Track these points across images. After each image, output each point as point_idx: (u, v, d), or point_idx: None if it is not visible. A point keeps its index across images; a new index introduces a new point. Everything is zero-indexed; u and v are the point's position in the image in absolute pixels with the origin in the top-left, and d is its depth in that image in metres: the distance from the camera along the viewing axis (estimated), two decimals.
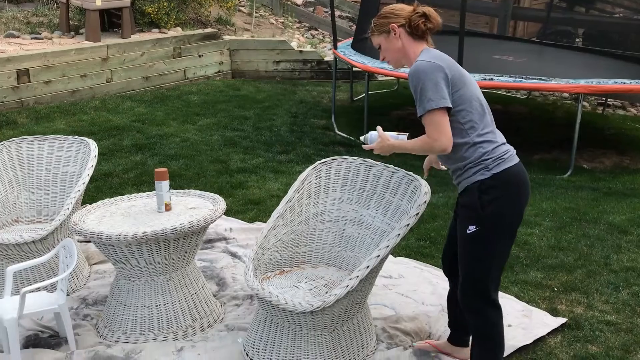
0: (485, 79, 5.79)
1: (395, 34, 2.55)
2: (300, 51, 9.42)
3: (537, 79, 5.77)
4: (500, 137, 2.54)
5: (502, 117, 7.66)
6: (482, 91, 2.57)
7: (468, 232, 2.45)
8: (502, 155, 2.47)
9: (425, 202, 2.79)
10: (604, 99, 8.39)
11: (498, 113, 7.77)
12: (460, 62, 5.66)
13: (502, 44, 8.14)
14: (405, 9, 2.58)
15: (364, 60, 6.65)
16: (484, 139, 2.46)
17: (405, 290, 3.57)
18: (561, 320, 3.25)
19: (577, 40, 9.02)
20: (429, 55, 2.47)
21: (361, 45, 7.45)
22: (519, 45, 8.20)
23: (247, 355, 2.96)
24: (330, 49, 8.94)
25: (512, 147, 2.56)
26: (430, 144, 2.44)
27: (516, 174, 2.49)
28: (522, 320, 3.25)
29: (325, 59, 9.44)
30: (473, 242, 2.48)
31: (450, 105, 2.38)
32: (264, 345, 2.88)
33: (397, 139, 2.58)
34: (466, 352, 2.84)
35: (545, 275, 3.80)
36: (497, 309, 2.57)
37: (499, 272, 2.57)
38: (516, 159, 2.52)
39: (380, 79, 9.10)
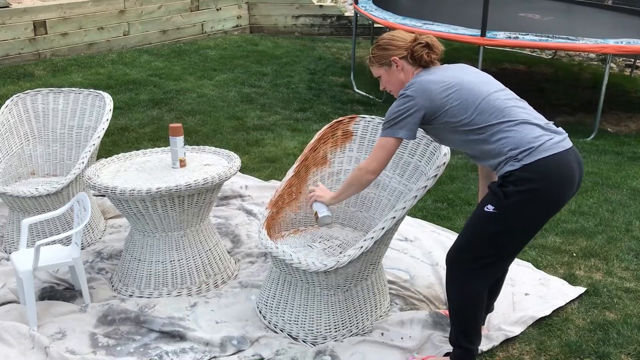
0: (510, 38, 5.61)
1: (397, 67, 2.50)
2: (320, 6, 9.22)
3: (563, 39, 5.58)
4: (532, 125, 2.30)
5: (526, 78, 7.48)
6: (507, 51, 2.46)
7: (485, 209, 2.34)
8: (532, 144, 2.25)
9: (444, 163, 2.72)
10: (633, 60, 8.13)
11: (521, 74, 7.63)
12: (484, 20, 5.50)
13: (529, 2, 7.87)
14: (405, 38, 2.50)
15: (386, 16, 6.48)
16: (502, 135, 2.29)
17: (421, 254, 3.53)
18: (580, 290, 3.19)
19: None
20: (411, 87, 2.39)
21: (383, 0, 7.26)
22: (546, 3, 7.93)
23: (260, 312, 2.96)
24: (351, 4, 8.73)
25: (553, 134, 2.30)
26: (360, 169, 2.49)
27: (554, 166, 2.25)
28: (540, 289, 3.19)
29: (346, 14, 9.24)
30: (486, 219, 2.34)
31: (402, 137, 2.39)
32: (277, 303, 2.88)
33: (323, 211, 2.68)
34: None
35: (565, 240, 3.74)
36: (475, 296, 2.44)
37: (494, 262, 2.39)
38: (556, 148, 2.26)
39: None
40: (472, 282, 2.44)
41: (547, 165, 2.25)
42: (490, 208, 2.33)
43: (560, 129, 2.38)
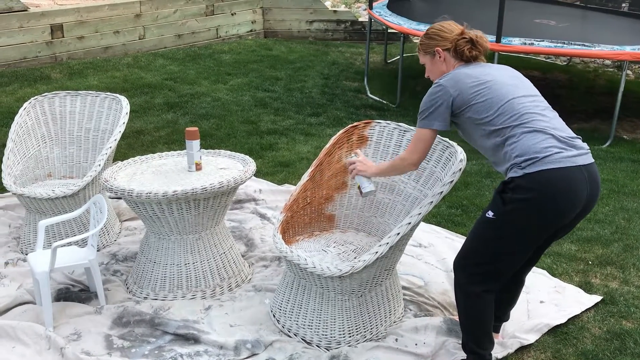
0: (525, 44, 5.59)
1: (440, 57, 2.53)
2: (335, 11, 9.23)
3: (579, 45, 5.55)
4: (545, 135, 2.26)
5: (541, 84, 7.44)
6: (521, 57, 2.47)
7: (486, 215, 2.36)
8: (538, 154, 2.22)
9: (460, 169, 2.71)
10: None
11: (536, 80, 7.58)
12: (500, 26, 5.49)
13: (544, 8, 7.85)
14: (453, 30, 2.53)
15: (400, 22, 6.48)
16: (513, 140, 2.30)
17: (435, 260, 3.52)
18: (596, 299, 3.16)
19: (624, 4, 8.64)
20: (446, 77, 2.44)
21: (397, 5, 7.26)
22: (562, 9, 7.90)
23: (274, 316, 2.96)
24: (365, 9, 8.74)
25: (566, 148, 2.25)
26: (402, 159, 2.52)
27: (555, 180, 2.21)
28: (555, 297, 3.17)
29: (360, 19, 9.25)
30: (486, 225, 2.36)
31: (437, 129, 2.43)
32: (290, 308, 2.88)
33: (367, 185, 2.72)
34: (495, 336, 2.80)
35: (580, 248, 3.71)
36: (478, 298, 2.43)
37: (495, 269, 2.39)
38: (563, 162, 2.22)
39: (415, 41, 8.89)
40: (475, 287, 2.44)
41: (547, 178, 2.22)
42: (490, 214, 2.34)
43: (583, 144, 2.33)
